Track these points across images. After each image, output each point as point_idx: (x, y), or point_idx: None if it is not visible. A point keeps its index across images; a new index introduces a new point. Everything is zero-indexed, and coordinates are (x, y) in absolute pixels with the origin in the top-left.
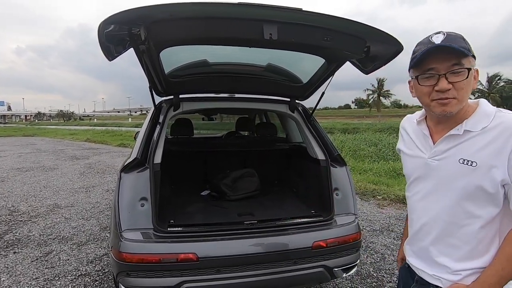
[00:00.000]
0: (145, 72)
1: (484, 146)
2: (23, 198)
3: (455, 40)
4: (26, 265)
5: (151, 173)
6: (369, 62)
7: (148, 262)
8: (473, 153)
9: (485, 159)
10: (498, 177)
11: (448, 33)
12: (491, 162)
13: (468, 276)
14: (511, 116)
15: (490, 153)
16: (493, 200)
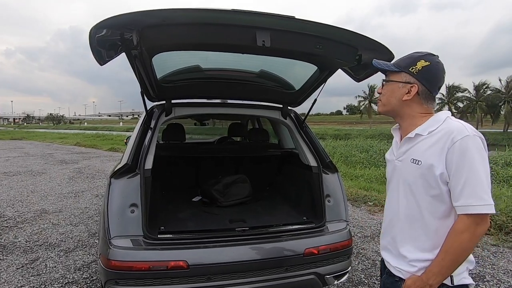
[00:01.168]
0: (137, 77)
1: (428, 147)
2: (9, 203)
3: (400, 61)
4: (11, 272)
5: (141, 179)
6: (360, 70)
7: (138, 270)
8: (421, 153)
9: (427, 158)
10: (437, 172)
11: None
12: (432, 161)
13: (422, 268)
14: (455, 123)
15: (432, 153)
16: (439, 196)
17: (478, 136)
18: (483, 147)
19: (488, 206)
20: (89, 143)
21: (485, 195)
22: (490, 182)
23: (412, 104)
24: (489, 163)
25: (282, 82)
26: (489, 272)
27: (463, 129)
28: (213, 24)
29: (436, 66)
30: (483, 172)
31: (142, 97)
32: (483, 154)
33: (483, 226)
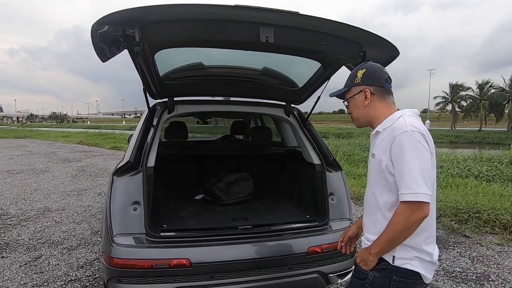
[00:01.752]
0: (139, 74)
1: (380, 142)
2: (13, 201)
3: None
4: (14, 270)
5: (144, 176)
6: None
7: (140, 267)
8: (376, 147)
9: (379, 152)
10: (383, 165)
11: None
12: (381, 155)
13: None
14: (401, 121)
15: (382, 147)
16: (389, 187)
17: (418, 131)
18: (420, 141)
19: (414, 195)
20: (92, 142)
21: (414, 185)
22: (427, 173)
23: (374, 104)
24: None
25: (285, 80)
26: (494, 271)
27: (404, 125)
28: (216, 20)
29: (371, 68)
30: (416, 164)
31: (144, 94)
32: (419, 148)
33: (417, 213)
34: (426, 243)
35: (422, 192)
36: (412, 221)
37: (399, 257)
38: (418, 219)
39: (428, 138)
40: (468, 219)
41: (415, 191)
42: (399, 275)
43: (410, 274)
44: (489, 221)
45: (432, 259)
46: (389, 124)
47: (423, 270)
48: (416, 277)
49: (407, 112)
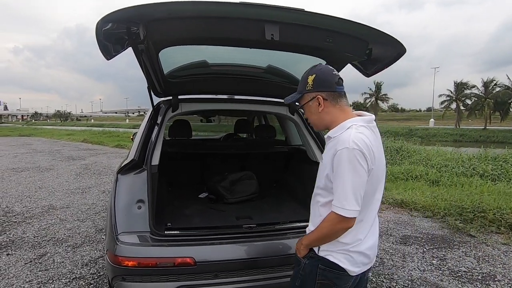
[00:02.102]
0: (143, 72)
1: (328, 149)
2: (18, 198)
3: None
4: (19, 267)
5: (148, 175)
6: (370, 65)
7: (144, 266)
8: (326, 152)
9: (325, 158)
10: (326, 172)
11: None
12: (326, 161)
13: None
14: (346, 134)
15: (328, 155)
16: (327, 189)
17: (358, 149)
18: (358, 159)
19: (342, 210)
20: (96, 140)
21: (344, 200)
22: (359, 190)
23: (328, 109)
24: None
25: (290, 78)
26: (500, 271)
27: (347, 140)
28: (221, 18)
29: (321, 73)
30: (349, 181)
31: (149, 92)
32: (355, 166)
33: (342, 224)
34: (351, 240)
35: (349, 208)
36: (336, 229)
37: (323, 249)
38: (343, 229)
39: (368, 154)
40: (473, 218)
41: (344, 206)
42: (324, 264)
43: (333, 265)
44: (495, 220)
45: (356, 256)
46: (339, 133)
47: (346, 264)
48: (340, 268)
49: (358, 121)
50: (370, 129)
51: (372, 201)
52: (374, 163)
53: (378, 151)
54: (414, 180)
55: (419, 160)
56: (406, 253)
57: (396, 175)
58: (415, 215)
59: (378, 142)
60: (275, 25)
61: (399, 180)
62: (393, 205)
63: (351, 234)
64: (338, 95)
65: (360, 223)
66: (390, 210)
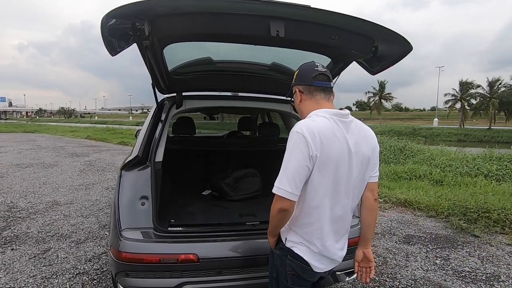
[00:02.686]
0: (148, 68)
1: None
2: (22, 194)
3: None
4: (23, 262)
5: (152, 171)
6: (376, 62)
7: (148, 262)
8: None
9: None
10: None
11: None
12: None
13: None
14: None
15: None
16: None
17: (301, 133)
18: (299, 144)
19: (276, 188)
20: (100, 137)
21: (278, 179)
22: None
23: (304, 102)
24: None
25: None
26: (504, 272)
27: (297, 126)
28: (226, 14)
29: (302, 68)
30: (286, 162)
31: (153, 89)
32: (294, 149)
33: (276, 204)
34: (312, 234)
35: (281, 187)
36: (274, 209)
37: (289, 240)
38: (277, 209)
39: (311, 140)
40: (478, 218)
41: (276, 184)
42: (291, 255)
43: (298, 257)
44: (499, 221)
45: (319, 251)
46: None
47: (309, 258)
48: (304, 262)
49: (320, 112)
50: (335, 122)
51: (337, 203)
52: (321, 152)
53: (338, 145)
54: (417, 180)
55: (423, 159)
56: (409, 252)
57: (399, 175)
58: (419, 215)
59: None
60: (280, 22)
61: (403, 179)
62: (397, 205)
63: (307, 228)
64: (314, 89)
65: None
66: (394, 209)
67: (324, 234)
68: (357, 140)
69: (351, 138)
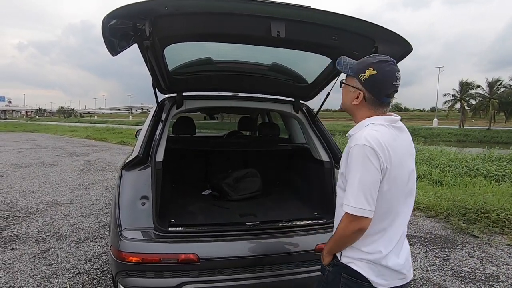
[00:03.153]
0: (148, 68)
1: (347, 148)
2: (22, 194)
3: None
4: (23, 262)
5: (152, 171)
6: None
7: (148, 262)
8: (345, 151)
9: (342, 157)
10: (342, 169)
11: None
12: (342, 159)
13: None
14: (361, 132)
15: (344, 153)
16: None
17: (369, 146)
18: (369, 157)
19: (350, 208)
20: (99, 136)
21: (351, 198)
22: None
23: (362, 108)
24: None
25: (295, 76)
26: (503, 272)
27: (360, 138)
28: (227, 14)
29: (383, 75)
30: (357, 178)
31: (153, 89)
32: (364, 163)
33: (353, 224)
34: (372, 249)
35: (357, 206)
36: (349, 230)
37: (345, 255)
38: (355, 230)
39: (381, 152)
40: (477, 219)
41: (350, 203)
42: (347, 272)
43: (356, 274)
44: (498, 221)
45: (384, 265)
46: (356, 131)
47: (370, 274)
48: (363, 278)
49: (378, 120)
50: (392, 129)
51: (397, 212)
52: (390, 163)
53: (399, 153)
54: (417, 180)
55: (423, 159)
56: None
57: None
58: (418, 215)
59: (400, 143)
60: (281, 22)
61: None
62: None
63: (372, 244)
64: (380, 105)
65: (381, 234)
66: None
67: (388, 255)
68: (408, 147)
69: (405, 145)
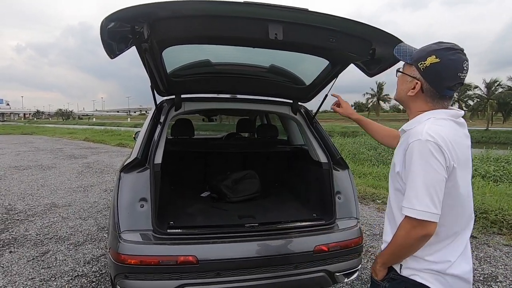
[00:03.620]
0: (147, 71)
1: (401, 144)
2: (20, 196)
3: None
4: (22, 264)
5: (151, 173)
6: (374, 65)
7: (147, 264)
8: (397, 147)
9: (396, 154)
10: (396, 169)
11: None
12: (396, 158)
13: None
14: (421, 126)
15: (399, 150)
16: (400, 190)
17: (433, 141)
18: (433, 152)
19: (413, 211)
20: (98, 139)
21: (414, 199)
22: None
23: (417, 100)
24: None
25: (293, 77)
26: (501, 272)
27: (420, 132)
28: (225, 17)
29: (446, 64)
30: (421, 177)
31: (152, 91)
32: (428, 159)
33: (417, 230)
34: (439, 258)
35: (422, 209)
36: (412, 237)
37: (406, 267)
38: (419, 236)
39: (446, 148)
40: (475, 219)
41: (414, 206)
42: (410, 286)
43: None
44: (497, 221)
45: (450, 277)
46: (413, 126)
47: (438, 286)
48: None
49: (439, 114)
50: (455, 124)
51: (465, 214)
52: (456, 161)
53: (463, 151)
54: None
55: None
56: None
57: None
58: None
59: (463, 140)
60: (278, 25)
61: None
62: None
63: (439, 252)
64: (439, 97)
65: (452, 239)
66: None
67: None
68: (469, 144)
69: (467, 143)
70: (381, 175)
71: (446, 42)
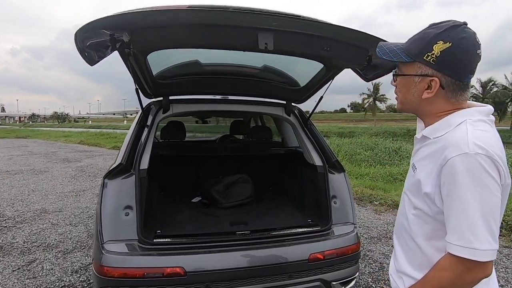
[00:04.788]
0: (131, 73)
1: (426, 156)
2: (9, 202)
3: (411, 44)
4: (6, 275)
5: (136, 179)
6: (370, 71)
7: (131, 277)
8: (420, 159)
9: (421, 168)
10: (423, 190)
11: (415, 37)
12: (422, 174)
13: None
14: (460, 133)
15: (426, 164)
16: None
17: (485, 154)
18: (488, 170)
19: (470, 250)
20: (93, 142)
21: (470, 235)
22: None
23: (437, 100)
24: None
25: (287, 78)
26: (502, 276)
27: (464, 142)
28: (211, 25)
29: (461, 45)
30: (475, 205)
31: (137, 94)
32: (482, 179)
33: (474, 273)
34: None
35: (482, 248)
36: (467, 281)
37: None
38: (476, 280)
39: (501, 162)
40: None
41: (471, 245)
42: None
43: None
44: None
45: None
46: (444, 132)
47: None
48: None
49: (474, 114)
50: (492, 127)
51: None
52: (507, 175)
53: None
54: None
55: None
56: None
57: (395, 176)
58: None
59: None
60: (269, 33)
61: (398, 181)
62: (392, 207)
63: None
64: (462, 87)
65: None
66: (390, 212)
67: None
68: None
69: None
70: (378, 176)
71: (440, 21)
